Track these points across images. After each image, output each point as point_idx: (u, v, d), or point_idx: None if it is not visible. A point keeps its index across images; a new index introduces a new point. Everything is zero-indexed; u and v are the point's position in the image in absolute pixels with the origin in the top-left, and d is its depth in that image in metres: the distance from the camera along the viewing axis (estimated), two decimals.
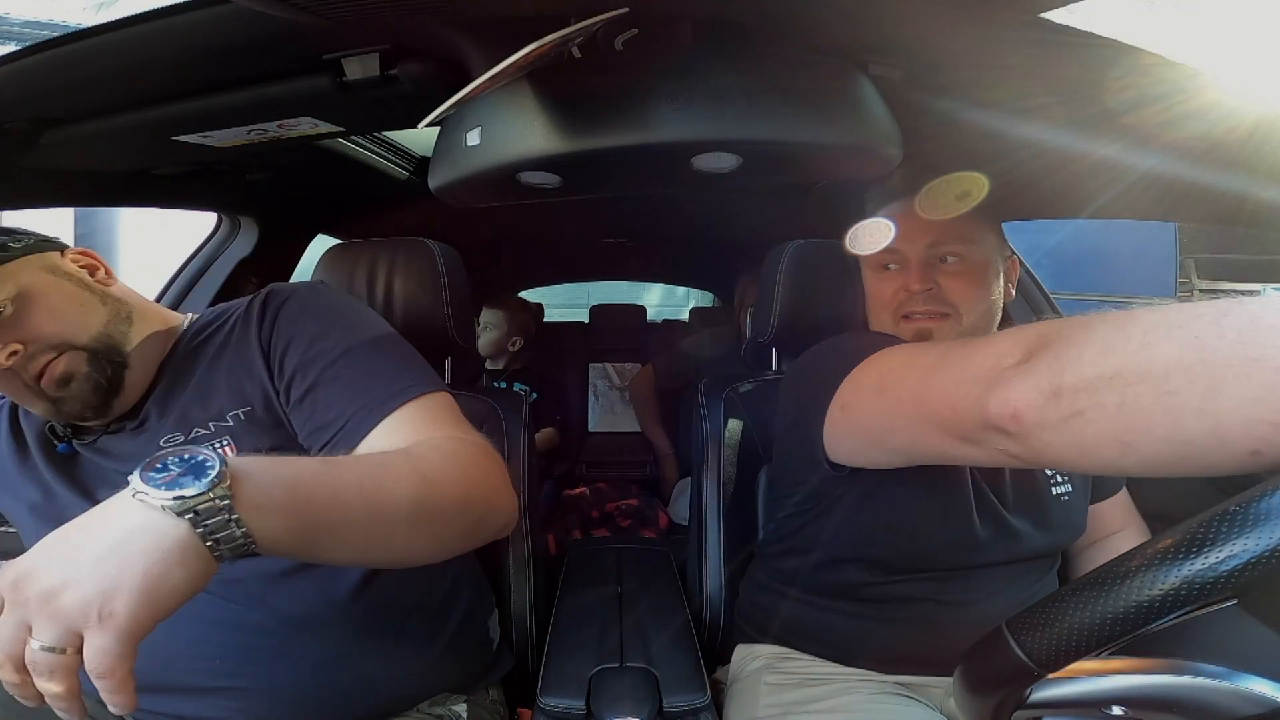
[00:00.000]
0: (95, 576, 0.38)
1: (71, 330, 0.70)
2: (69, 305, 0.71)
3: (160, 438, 0.71)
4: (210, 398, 0.72)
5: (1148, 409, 0.37)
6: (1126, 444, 0.39)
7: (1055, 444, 0.43)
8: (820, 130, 0.54)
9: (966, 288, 0.78)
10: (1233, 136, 0.56)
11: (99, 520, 0.41)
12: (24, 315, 0.68)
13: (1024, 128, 0.69)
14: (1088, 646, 0.35)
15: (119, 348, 0.73)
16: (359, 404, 0.66)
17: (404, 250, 1.05)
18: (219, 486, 0.41)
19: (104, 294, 0.75)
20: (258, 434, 0.70)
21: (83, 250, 0.77)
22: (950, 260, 0.79)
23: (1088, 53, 0.53)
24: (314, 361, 0.69)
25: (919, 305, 0.79)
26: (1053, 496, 0.80)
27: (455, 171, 0.58)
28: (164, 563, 0.39)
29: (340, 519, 0.49)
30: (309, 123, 0.71)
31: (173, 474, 0.41)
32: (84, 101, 0.65)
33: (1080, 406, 0.40)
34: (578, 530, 1.99)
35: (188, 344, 0.77)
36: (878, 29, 0.55)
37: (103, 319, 0.73)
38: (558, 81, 0.51)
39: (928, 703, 0.77)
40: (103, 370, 0.70)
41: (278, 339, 0.71)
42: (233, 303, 0.81)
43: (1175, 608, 0.33)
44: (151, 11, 0.48)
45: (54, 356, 0.69)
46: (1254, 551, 0.31)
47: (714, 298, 3.13)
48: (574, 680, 0.80)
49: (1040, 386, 0.42)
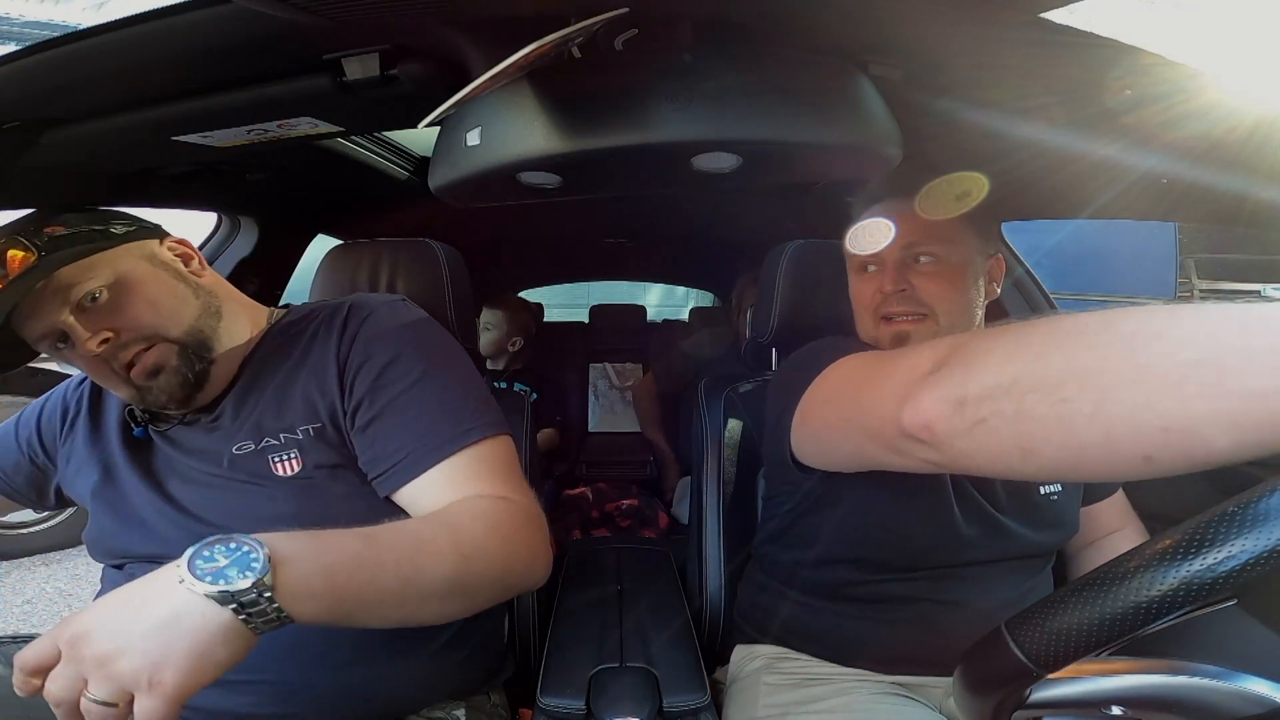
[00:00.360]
0: (145, 649, 0.42)
1: (165, 322, 0.71)
2: (165, 296, 0.72)
3: (233, 440, 0.72)
4: (284, 408, 0.73)
5: (1043, 416, 0.38)
6: (1026, 450, 0.40)
7: (967, 451, 0.44)
8: (820, 130, 0.54)
9: (942, 288, 0.79)
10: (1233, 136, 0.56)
11: (149, 597, 0.45)
12: (120, 304, 0.69)
13: (1024, 128, 0.69)
14: (1087, 647, 0.35)
15: (208, 343, 0.74)
16: (418, 443, 0.67)
17: (407, 251, 1.05)
18: (262, 580, 0.45)
19: (197, 286, 0.76)
20: (324, 450, 0.71)
21: (180, 239, 0.78)
22: (925, 261, 0.80)
23: (1088, 53, 0.53)
24: (383, 390, 0.70)
25: (894, 306, 0.80)
26: (1041, 496, 0.81)
27: (455, 171, 0.57)
28: (209, 643, 0.44)
29: (375, 599, 0.52)
30: (309, 123, 0.71)
31: (219, 564, 0.45)
32: (84, 101, 0.65)
33: (983, 414, 0.42)
34: (578, 530, 1.99)
35: (270, 344, 0.78)
36: (878, 29, 0.55)
37: (195, 312, 0.74)
38: (558, 81, 0.51)
39: (927, 703, 0.77)
40: (191, 365, 0.72)
41: (354, 358, 0.72)
42: (317, 305, 0.82)
43: (1174, 608, 0.33)
44: (151, 11, 0.48)
45: (145, 347, 0.70)
46: (1253, 552, 0.31)
47: (714, 298, 3.13)
48: (574, 680, 0.80)
49: (947, 397, 0.44)
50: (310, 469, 0.70)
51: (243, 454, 0.71)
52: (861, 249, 0.82)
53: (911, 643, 0.78)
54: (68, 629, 0.44)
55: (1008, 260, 1.34)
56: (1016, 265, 1.32)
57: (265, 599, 0.45)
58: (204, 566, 0.45)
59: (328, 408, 0.71)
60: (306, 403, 0.72)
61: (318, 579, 0.48)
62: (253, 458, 0.71)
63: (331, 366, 0.72)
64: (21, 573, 2.62)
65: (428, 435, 0.67)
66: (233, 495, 0.70)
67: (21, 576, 2.59)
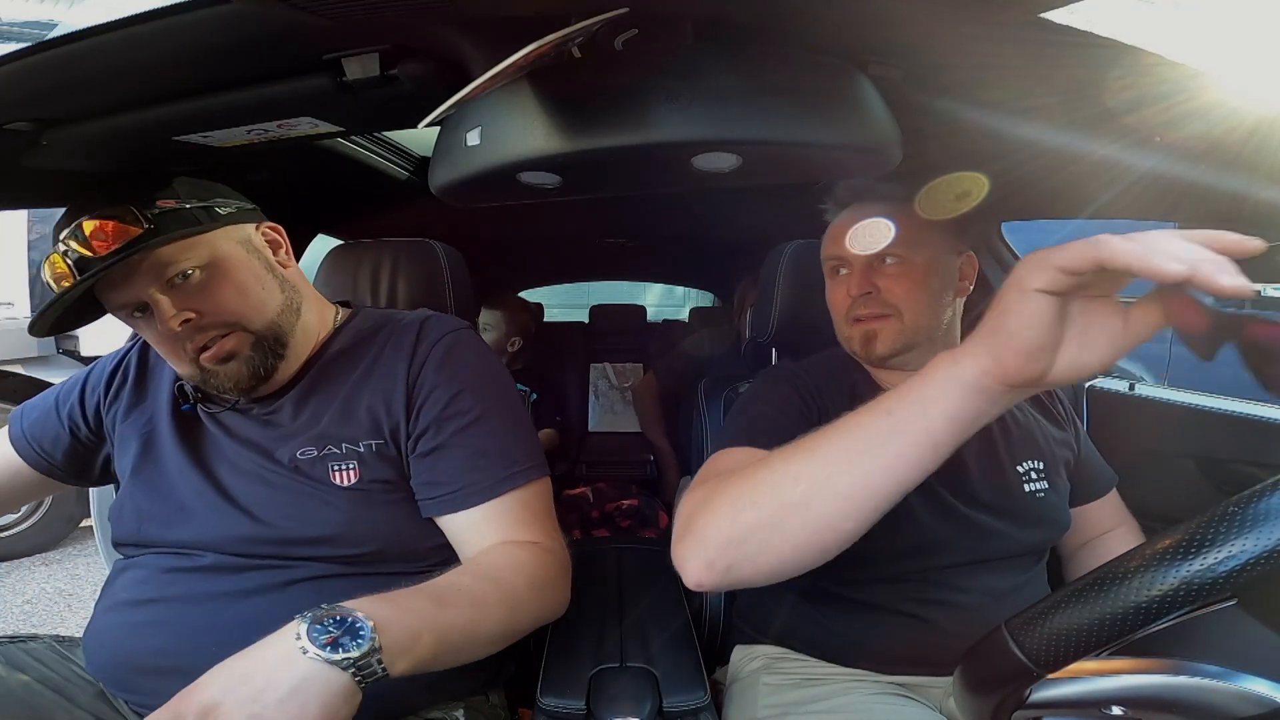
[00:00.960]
0: (282, 715, 0.48)
1: (249, 312, 0.72)
2: (253, 285, 0.73)
3: (292, 440, 0.74)
4: (349, 419, 0.75)
5: (775, 545, 0.52)
6: (776, 567, 0.53)
7: (741, 580, 0.54)
8: (820, 130, 0.54)
9: (906, 288, 0.81)
10: (1233, 136, 0.56)
11: (275, 666, 0.50)
12: (210, 287, 0.70)
13: (1024, 128, 0.69)
14: (1087, 647, 0.35)
15: (283, 339, 0.75)
16: (471, 480, 0.72)
17: (408, 251, 1.05)
18: (374, 646, 0.52)
19: (283, 279, 0.78)
20: (381, 466, 0.74)
21: (272, 224, 0.80)
22: (890, 262, 0.82)
23: (1088, 53, 0.53)
24: (447, 422, 0.74)
25: (861, 309, 0.82)
26: (1026, 494, 0.81)
27: (455, 171, 0.57)
28: (334, 704, 0.50)
29: (446, 652, 0.60)
30: (309, 123, 0.71)
31: (333, 635, 0.52)
32: (84, 101, 0.65)
33: (730, 561, 0.53)
34: (578, 530, 1.99)
35: (338, 346, 0.80)
36: (878, 29, 0.55)
37: (278, 307, 0.75)
38: (558, 81, 0.51)
39: (927, 703, 0.77)
40: (264, 358, 0.73)
41: (423, 384, 0.75)
42: (387, 315, 0.84)
43: (1174, 608, 0.33)
44: (151, 11, 0.48)
45: (224, 333, 0.71)
46: (1252, 552, 0.31)
47: (714, 298, 3.13)
48: (574, 680, 0.80)
49: (698, 563, 0.54)
50: (366, 482, 0.73)
51: (306, 459, 0.73)
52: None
53: (906, 644, 0.78)
54: (193, 701, 0.48)
55: (1008, 260, 1.35)
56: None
57: (375, 661, 0.52)
58: (321, 638, 0.51)
59: (391, 427, 0.74)
60: (372, 417, 0.74)
61: (407, 639, 0.55)
62: (314, 463, 0.73)
63: (400, 386, 0.75)
64: (21, 573, 2.62)
65: (481, 473, 0.73)
66: (289, 496, 0.72)
67: (21, 576, 2.59)
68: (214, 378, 0.72)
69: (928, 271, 0.81)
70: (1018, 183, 0.81)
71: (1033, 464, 0.83)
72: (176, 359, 0.72)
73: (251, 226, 0.77)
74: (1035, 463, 0.83)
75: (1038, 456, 0.84)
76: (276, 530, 0.70)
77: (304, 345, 0.78)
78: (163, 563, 0.73)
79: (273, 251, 0.78)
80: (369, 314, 0.86)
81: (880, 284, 0.81)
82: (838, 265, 0.86)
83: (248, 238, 0.75)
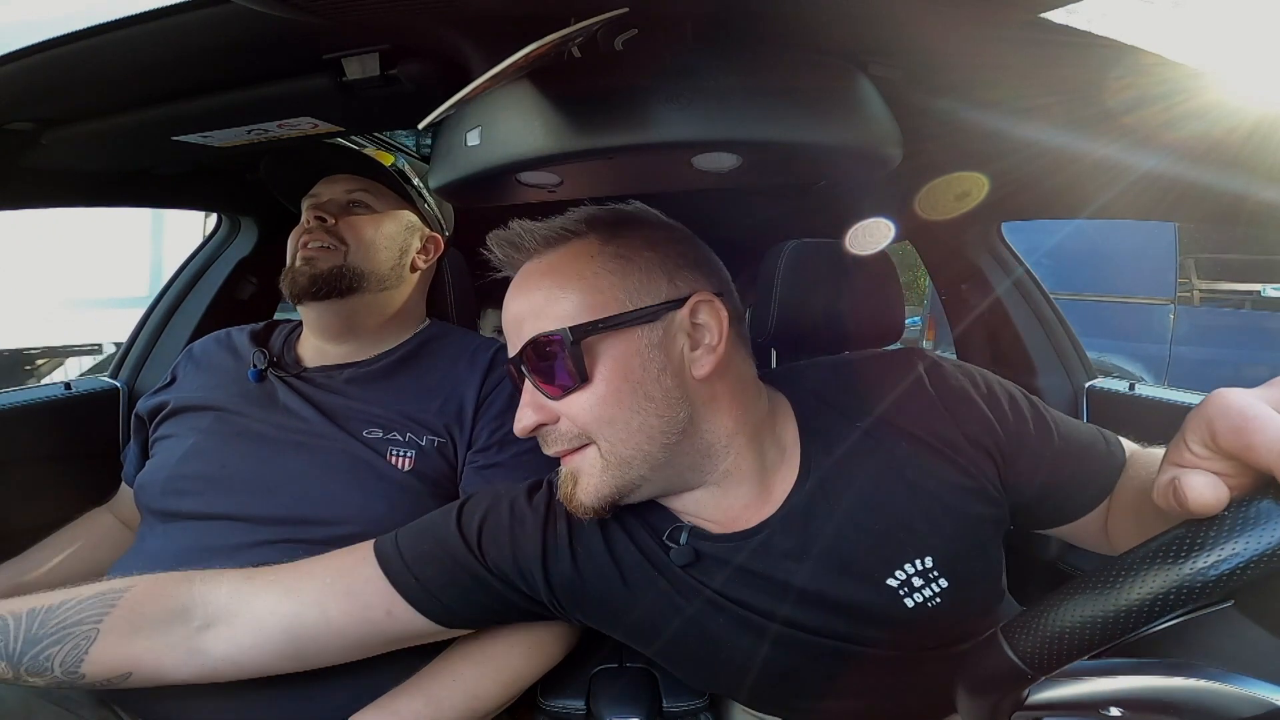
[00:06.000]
0: None
1: (364, 253, 0.88)
2: (383, 247, 0.91)
3: (358, 414, 0.83)
4: (418, 410, 0.83)
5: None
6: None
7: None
8: (820, 130, 0.54)
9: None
10: (1233, 136, 0.56)
11: None
12: (361, 225, 0.89)
13: (1024, 128, 0.69)
14: (1081, 650, 0.35)
15: (360, 286, 0.87)
16: None
17: None
18: None
19: (402, 262, 0.93)
20: (435, 462, 0.81)
21: (435, 236, 0.99)
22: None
23: (1088, 53, 0.53)
24: (506, 447, 0.82)
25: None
26: (906, 610, 0.61)
27: (455, 171, 0.57)
28: None
29: None
30: (309, 123, 0.71)
31: None
32: (84, 101, 0.65)
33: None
34: None
35: (418, 347, 0.92)
36: (878, 29, 0.55)
37: (385, 268, 0.90)
38: (558, 81, 0.51)
39: None
40: (335, 279, 0.86)
41: (493, 403, 0.85)
42: (467, 332, 0.99)
43: (1167, 611, 0.33)
44: (151, 11, 0.48)
45: (330, 247, 0.87)
46: (1245, 556, 0.31)
47: None
48: (574, 680, 0.80)
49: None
50: (416, 472, 0.79)
51: (371, 438, 0.81)
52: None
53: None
54: None
55: (1007, 260, 1.34)
56: (1016, 265, 1.32)
57: None
58: None
59: (455, 432, 0.83)
60: (443, 416, 0.83)
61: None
62: (377, 443, 0.80)
63: (471, 398, 0.84)
64: None
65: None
66: (341, 476, 0.78)
67: None
68: (297, 265, 0.87)
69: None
70: (1018, 183, 0.81)
71: (915, 566, 0.61)
72: (294, 236, 0.89)
73: (424, 227, 0.96)
74: (920, 562, 0.61)
75: (925, 552, 0.61)
76: (317, 513, 0.77)
77: (385, 322, 0.91)
78: (188, 533, 0.78)
79: (419, 250, 0.95)
80: (446, 326, 0.99)
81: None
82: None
83: (410, 222, 0.93)
